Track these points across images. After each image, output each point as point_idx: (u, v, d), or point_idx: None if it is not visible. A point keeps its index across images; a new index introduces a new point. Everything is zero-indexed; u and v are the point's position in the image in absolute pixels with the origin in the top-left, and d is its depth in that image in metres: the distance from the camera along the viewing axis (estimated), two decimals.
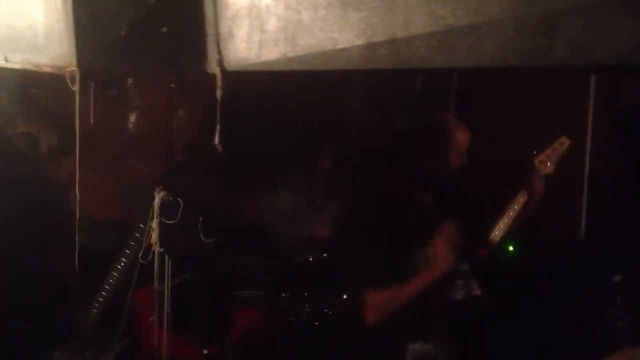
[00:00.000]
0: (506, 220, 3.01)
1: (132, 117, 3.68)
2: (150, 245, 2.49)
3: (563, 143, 3.05)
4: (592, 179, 3.82)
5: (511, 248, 3.76)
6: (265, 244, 3.48)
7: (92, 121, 2.12)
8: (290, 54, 1.78)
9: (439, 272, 2.62)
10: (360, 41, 1.59)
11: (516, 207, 3.01)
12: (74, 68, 1.95)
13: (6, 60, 2.34)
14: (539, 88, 3.33)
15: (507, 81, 3.31)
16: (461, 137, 2.97)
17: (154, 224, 2.40)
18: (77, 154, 2.09)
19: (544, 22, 1.25)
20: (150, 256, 2.50)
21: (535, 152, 3.06)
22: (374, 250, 2.62)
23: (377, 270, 2.62)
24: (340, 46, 1.64)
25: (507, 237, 3.48)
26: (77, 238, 2.22)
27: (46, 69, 2.14)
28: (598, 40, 1.18)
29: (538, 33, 1.26)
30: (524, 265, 3.68)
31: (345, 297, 3.27)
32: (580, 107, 3.73)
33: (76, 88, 1.96)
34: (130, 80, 3.52)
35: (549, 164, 3.03)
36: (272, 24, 1.82)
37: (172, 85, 3.59)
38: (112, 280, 2.85)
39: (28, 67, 2.26)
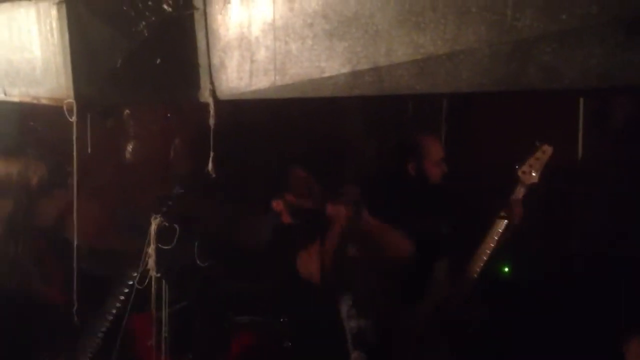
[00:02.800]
0: (487, 251, 3.00)
1: (129, 146, 3.73)
2: (147, 270, 2.53)
3: (545, 151, 3.00)
4: (584, 195, 3.86)
5: (506, 269, 3.79)
6: (261, 268, 3.51)
7: (89, 150, 2.17)
8: (279, 83, 1.85)
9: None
10: (345, 69, 1.65)
11: (495, 236, 2.99)
12: (71, 100, 2.01)
13: (5, 93, 2.41)
14: (527, 109, 3.40)
15: (496, 103, 3.38)
16: (433, 148, 3.11)
17: (151, 249, 2.44)
18: (75, 183, 2.13)
19: (517, 50, 1.31)
20: (147, 281, 2.53)
21: (517, 165, 3.01)
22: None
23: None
24: (326, 74, 1.70)
25: (499, 259, 3.53)
26: (75, 266, 2.26)
27: (44, 101, 2.20)
28: (568, 65, 1.25)
29: (512, 60, 1.32)
30: (518, 284, 3.71)
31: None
32: (571, 126, 3.78)
33: (74, 119, 2.02)
34: (126, 111, 3.58)
35: (533, 174, 2.99)
36: (261, 54, 1.89)
37: (168, 115, 3.65)
38: (115, 307, 2.88)
39: (26, 99, 2.32)
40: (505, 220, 2.99)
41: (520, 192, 3.01)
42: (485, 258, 3.00)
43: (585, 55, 1.23)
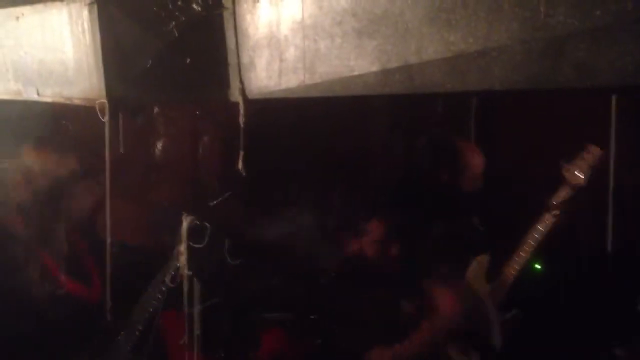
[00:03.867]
0: (526, 251, 2.87)
1: (159, 145, 3.77)
2: (178, 268, 2.55)
3: (593, 152, 2.82)
4: (617, 195, 3.80)
5: (537, 266, 3.75)
6: (291, 265, 3.52)
7: (122, 150, 2.19)
8: (308, 82, 1.85)
9: (441, 325, 2.57)
10: (375, 68, 1.64)
11: (535, 235, 2.86)
12: (104, 100, 2.04)
13: (38, 94, 2.45)
14: (559, 108, 3.35)
15: (525, 102, 3.34)
16: (475, 160, 2.98)
17: (182, 247, 2.46)
18: (108, 182, 2.16)
19: (550, 47, 1.29)
20: (179, 280, 2.56)
21: (563, 164, 2.83)
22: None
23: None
24: (356, 73, 1.70)
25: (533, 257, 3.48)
26: (107, 265, 2.28)
27: (77, 102, 2.23)
28: (602, 63, 1.22)
29: (545, 57, 1.30)
30: (552, 282, 3.66)
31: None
32: (603, 126, 3.73)
33: (106, 119, 2.05)
34: (156, 109, 3.61)
35: (578, 174, 2.80)
36: (291, 53, 1.89)
37: (197, 113, 3.67)
38: (149, 306, 2.90)
39: (59, 100, 2.35)
40: (547, 222, 2.85)
41: (564, 192, 2.85)
42: (524, 259, 2.88)
43: (619, 53, 1.20)
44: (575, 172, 2.81)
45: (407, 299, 2.87)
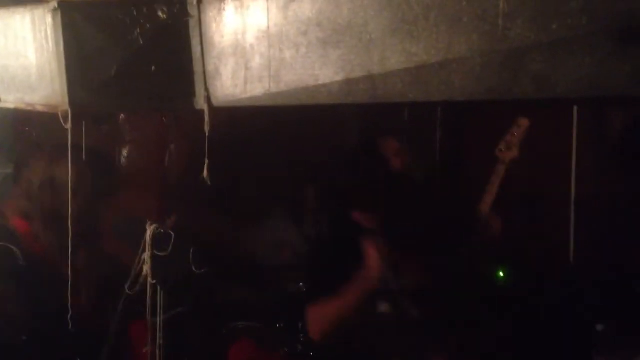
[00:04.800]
0: (492, 191, 2.97)
1: (125, 152, 3.74)
2: (142, 277, 2.53)
3: (521, 125, 2.97)
4: (578, 204, 3.88)
5: (501, 274, 3.80)
6: (257, 274, 3.52)
7: (84, 158, 2.17)
8: (274, 90, 1.85)
9: (370, 280, 2.71)
10: (339, 77, 1.66)
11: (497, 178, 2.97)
12: (66, 107, 2.02)
13: (0, 100, 2.41)
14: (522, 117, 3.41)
15: (489, 112, 3.40)
16: (388, 142, 3.15)
17: (146, 256, 2.44)
18: (70, 191, 2.14)
19: (509, 59, 1.32)
20: (142, 288, 2.53)
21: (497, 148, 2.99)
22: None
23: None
24: (320, 82, 1.71)
25: (497, 263, 3.54)
26: (70, 273, 2.26)
27: (39, 108, 2.21)
28: (559, 75, 1.25)
29: (504, 69, 1.33)
30: (513, 290, 3.71)
31: None
32: (565, 136, 3.81)
33: (69, 126, 2.03)
34: (122, 116, 3.59)
35: (512, 150, 2.96)
36: (256, 61, 1.90)
37: (164, 119, 3.66)
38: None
39: (21, 106, 2.32)
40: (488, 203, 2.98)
41: (501, 171, 2.99)
42: (486, 206, 2.99)
43: (576, 65, 1.23)
44: (509, 149, 2.97)
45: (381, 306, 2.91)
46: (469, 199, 3.20)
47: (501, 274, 3.78)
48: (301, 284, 3.57)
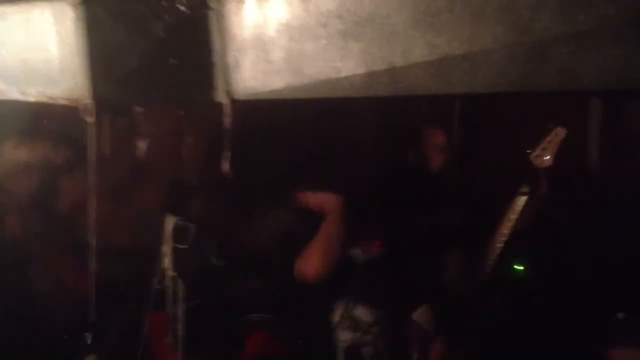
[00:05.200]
0: (508, 224, 2.91)
1: (142, 145, 3.75)
2: (162, 269, 2.55)
3: (558, 133, 2.88)
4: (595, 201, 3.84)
5: (520, 267, 3.77)
6: (276, 267, 3.52)
7: (106, 151, 2.18)
8: (294, 83, 1.85)
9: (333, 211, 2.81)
10: (361, 70, 1.65)
11: (516, 209, 2.89)
12: (88, 100, 2.02)
13: (22, 93, 2.43)
14: (539, 112, 3.38)
15: (507, 106, 3.37)
16: (434, 134, 3.13)
17: (167, 248, 2.46)
18: (92, 184, 2.15)
19: (534, 51, 1.31)
20: (163, 280, 2.55)
21: (529, 149, 2.90)
22: None
23: None
24: (342, 75, 1.71)
25: (516, 257, 3.52)
26: (90, 267, 2.27)
27: (61, 102, 2.22)
28: (585, 67, 1.24)
29: (528, 61, 1.32)
30: (532, 284, 3.69)
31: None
32: (581, 130, 3.77)
33: (91, 119, 2.04)
34: (139, 109, 3.59)
35: (546, 157, 2.87)
36: (276, 54, 1.90)
37: (181, 113, 3.66)
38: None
39: (43, 99, 2.33)
40: (519, 206, 2.90)
41: (534, 175, 2.91)
42: (503, 241, 2.94)
43: (602, 57, 1.23)
44: (544, 156, 2.87)
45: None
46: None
47: (520, 267, 3.76)
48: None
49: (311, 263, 2.89)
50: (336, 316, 3.06)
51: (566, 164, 3.02)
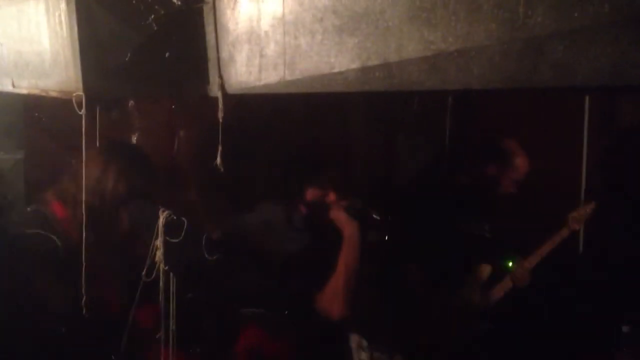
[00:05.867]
0: (546, 249, 3.42)
1: (134, 139, 3.74)
2: (154, 263, 2.54)
3: (592, 206, 3.58)
4: (588, 196, 3.87)
5: (510, 264, 3.79)
6: (269, 262, 3.52)
7: (98, 144, 2.17)
8: (288, 77, 1.85)
9: (351, 238, 2.79)
10: (355, 65, 1.65)
11: (556, 240, 3.46)
12: (80, 93, 2.01)
13: (13, 85, 2.41)
14: (534, 107, 3.40)
15: (501, 101, 3.38)
16: (521, 164, 3.26)
17: (159, 242, 2.45)
18: (84, 177, 2.14)
19: (528, 47, 1.30)
20: (155, 274, 2.54)
21: (571, 211, 3.51)
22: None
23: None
24: (336, 70, 1.70)
25: (508, 254, 3.55)
26: (83, 260, 2.26)
27: (53, 94, 2.20)
28: (579, 64, 1.24)
29: (523, 57, 1.32)
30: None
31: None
32: (576, 127, 3.79)
33: (83, 112, 2.02)
34: (131, 103, 3.58)
35: (578, 224, 3.57)
36: (271, 48, 1.89)
37: (173, 107, 3.65)
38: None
39: (35, 92, 2.32)
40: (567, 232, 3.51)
41: (564, 233, 3.53)
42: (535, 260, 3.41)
43: (597, 54, 1.22)
44: (576, 221, 3.57)
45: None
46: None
47: (510, 264, 3.77)
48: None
49: (337, 303, 2.87)
50: (354, 337, 3.06)
51: None
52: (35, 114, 3.55)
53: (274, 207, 3.55)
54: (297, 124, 3.51)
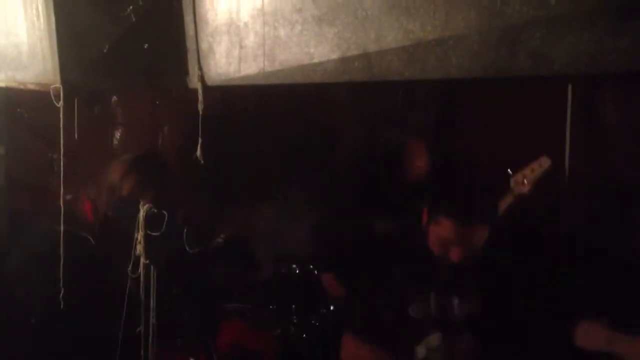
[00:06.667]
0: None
1: (117, 134, 3.72)
2: (136, 257, 2.52)
3: (542, 164, 2.93)
4: (571, 188, 3.86)
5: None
6: (251, 255, 3.51)
7: (76, 137, 2.15)
8: (268, 69, 1.83)
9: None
10: (335, 55, 1.64)
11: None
12: (58, 85, 1.99)
13: None
14: (517, 98, 3.40)
15: (484, 91, 3.38)
16: (418, 161, 3.12)
17: (140, 236, 2.43)
18: (62, 170, 2.12)
19: (506, 35, 1.30)
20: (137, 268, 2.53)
21: (511, 171, 2.93)
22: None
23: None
24: (316, 60, 1.69)
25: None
26: (61, 251, 2.24)
27: (31, 86, 2.18)
28: (557, 51, 1.24)
29: (501, 45, 1.31)
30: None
31: (332, 307, 3.32)
32: (559, 117, 3.78)
33: (60, 104, 2.00)
34: (114, 98, 3.56)
35: (525, 184, 2.90)
36: (250, 39, 1.88)
37: (157, 101, 3.63)
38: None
39: (12, 84, 2.30)
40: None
41: (508, 200, 2.93)
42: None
43: (574, 41, 1.22)
44: (523, 182, 2.91)
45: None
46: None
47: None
48: (294, 266, 3.57)
49: None
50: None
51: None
52: (17, 109, 3.52)
53: (263, 200, 3.55)
54: (282, 115, 3.50)
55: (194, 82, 2.07)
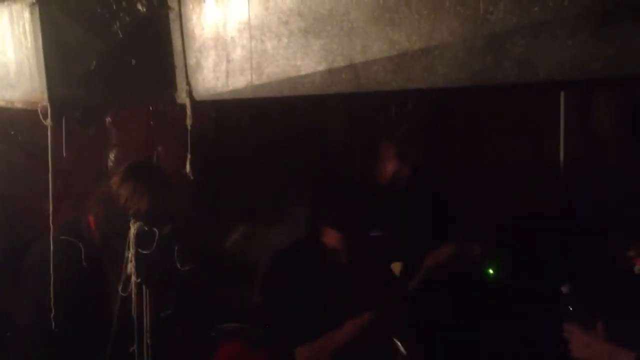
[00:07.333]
0: None
1: (111, 154, 3.71)
2: (127, 276, 2.50)
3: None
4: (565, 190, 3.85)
5: (491, 271, 3.75)
6: (244, 274, 3.48)
7: (64, 155, 2.13)
8: (256, 82, 1.83)
9: (371, 320, 2.68)
10: (321, 67, 1.63)
11: None
12: (46, 103, 1.98)
13: None
14: (510, 105, 3.40)
15: (478, 99, 3.38)
16: (388, 156, 3.09)
17: (130, 254, 2.41)
18: (51, 188, 2.10)
19: (491, 43, 1.30)
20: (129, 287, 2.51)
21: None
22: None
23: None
24: (303, 72, 1.68)
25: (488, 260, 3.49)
26: (51, 273, 2.22)
27: (18, 105, 2.17)
28: (541, 58, 1.23)
29: (486, 54, 1.31)
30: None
31: None
32: (552, 122, 3.78)
33: (48, 122, 1.99)
34: (108, 118, 3.55)
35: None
36: (237, 53, 1.87)
37: (150, 121, 3.62)
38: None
39: (1, 104, 2.29)
40: None
41: None
42: None
43: (558, 48, 1.21)
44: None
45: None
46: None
47: (491, 271, 3.74)
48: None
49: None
50: None
51: None
52: (7, 129, 3.51)
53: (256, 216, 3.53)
54: (272, 129, 3.49)
55: (182, 98, 2.06)
